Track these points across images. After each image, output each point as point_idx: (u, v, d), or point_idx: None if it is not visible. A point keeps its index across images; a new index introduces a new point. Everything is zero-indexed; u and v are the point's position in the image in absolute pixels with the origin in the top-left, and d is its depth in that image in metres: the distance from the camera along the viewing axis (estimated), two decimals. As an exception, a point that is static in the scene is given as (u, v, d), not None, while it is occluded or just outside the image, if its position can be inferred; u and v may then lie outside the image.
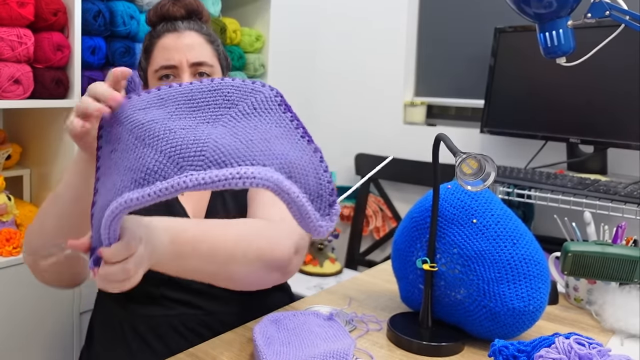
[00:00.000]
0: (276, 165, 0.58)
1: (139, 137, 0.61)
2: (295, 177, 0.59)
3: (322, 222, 0.60)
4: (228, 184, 0.55)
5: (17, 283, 1.51)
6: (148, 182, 0.57)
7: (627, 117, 1.56)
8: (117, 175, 0.60)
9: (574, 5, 0.92)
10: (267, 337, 0.81)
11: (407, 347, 0.86)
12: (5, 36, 1.47)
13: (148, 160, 0.58)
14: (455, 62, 2.18)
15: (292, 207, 0.58)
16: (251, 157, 0.58)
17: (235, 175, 0.55)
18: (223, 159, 0.57)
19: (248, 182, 0.55)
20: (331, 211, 0.61)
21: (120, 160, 0.62)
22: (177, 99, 0.65)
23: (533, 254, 0.86)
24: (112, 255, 0.61)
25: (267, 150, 0.59)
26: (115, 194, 0.58)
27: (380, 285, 1.14)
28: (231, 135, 0.60)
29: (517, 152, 1.92)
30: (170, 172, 0.56)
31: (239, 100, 0.64)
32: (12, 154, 1.74)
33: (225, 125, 0.62)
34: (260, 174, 0.55)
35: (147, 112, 0.64)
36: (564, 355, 0.65)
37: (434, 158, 0.88)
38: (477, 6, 2.10)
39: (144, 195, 0.55)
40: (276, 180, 0.56)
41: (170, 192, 0.55)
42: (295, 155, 0.61)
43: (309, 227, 0.60)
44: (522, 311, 0.84)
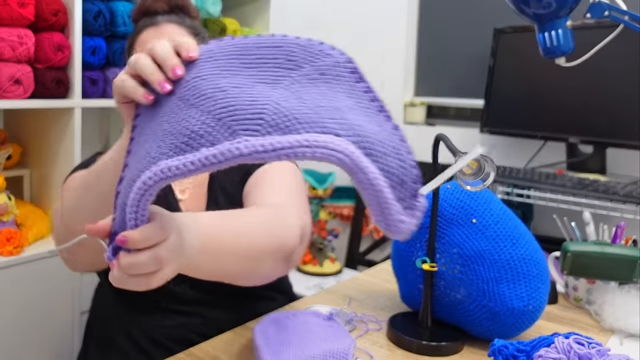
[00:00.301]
0: (351, 136, 0.48)
1: (182, 97, 0.51)
2: (374, 154, 0.48)
3: (403, 217, 0.49)
4: (293, 154, 0.45)
5: (18, 283, 1.51)
6: (192, 147, 0.47)
7: (626, 117, 1.56)
8: (153, 142, 0.50)
9: (573, 5, 0.92)
10: (267, 337, 0.81)
11: (407, 347, 0.86)
12: (6, 36, 1.47)
13: (192, 122, 0.48)
14: (455, 62, 2.19)
15: (368, 193, 0.48)
16: (321, 123, 0.48)
17: (303, 143, 0.45)
18: (287, 124, 0.47)
19: (319, 152, 0.45)
20: (415, 204, 0.50)
21: (158, 125, 0.52)
22: (230, 54, 0.54)
23: (532, 254, 0.87)
24: (142, 237, 0.49)
25: (340, 118, 0.49)
26: (149, 162, 0.48)
27: (380, 285, 1.14)
28: (295, 98, 0.50)
29: (516, 152, 1.92)
30: (219, 136, 0.47)
31: (304, 61, 0.54)
32: (12, 154, 1.74)
33: (286, 88, 0.52)
34: (333, 143, 0.45)
35: (192, 68, 0.54)
36: (563, 354, 0.65)
37: (434, 158, 0.88)
38: (476, 6, 2.10)
39: (185, 163, 0.45)
40: (352, 154, 0.46)
41: (219, 161, 0.45)
42: (373, 129, 0.50)
43: (386, 221, 0.49)
44: (521, 311, 0.85)
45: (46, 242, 1.62)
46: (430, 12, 2.26)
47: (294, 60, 0.54)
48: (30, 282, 1.53)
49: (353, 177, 0.46)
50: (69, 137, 1.64)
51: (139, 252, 0.50)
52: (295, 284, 1.17)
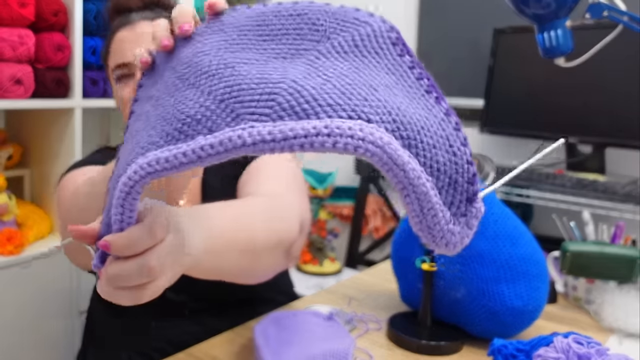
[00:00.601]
0: (388, 122, 0.38)
1: (182, 75, 0.43)
2: (417, 147, 0.38)
3: (452, 227, 0.39)
4: (309, 144, 0.35)
5: (18, 282, 1.51)
6: (186, 135, 0.39)
7: (625, 117, 1.57)
8: (144, 129, 0.42)
9: (573, 5, 0.92)
10: (267, 337, 0.81)
11: (407, 347, 0.86)
12: (7, 36, 1.47)
13: (189, 105, 0.40)
14: (455, 62, 2.19)
15: (408, 195, 0.37)
16: (349, 105, 0.38)
17: (322, 130, 0.35)
18: (304, 106, 0.37)
19: (341, 142, 0.35)
20: (469, 210, 0.40)
21: (153, 109, 0.44)
22: (243, 25, 0.45)
23: (532, 254, 0.87)
24: (125, 243, 0.41)
25: (374, 99, 0.39)
26: (137, 154, 0.40)
27: (380, 285, 1.14)
28: (318, 75, 0.40)
29: (516, 152, 1.93)
30: (220, 121, 0.39)
31: (334, 32, 0.44)
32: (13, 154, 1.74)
33: (309, 63, 0.42)
34: (362, 131, 0.35)
35: (196, 42, 0.45)
36: (562, 354, 0.65)
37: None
38: (476, 6, 2.10)
39: (177, 154, 0.37)
40: (386, 145, 0.35)
41: (218, 152, 0.37)
42: (416, 114, 0.40)
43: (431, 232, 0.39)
44: (521, 310, 0.85)
45: (46, 242, 1.63)
46: (429, 12, 2.26)
47: (321, 30, 0.44)
48: (31, 282, 1.53)
49: (388, 174, 0.37)
50: (69, 137, 1.65)
51: (125, 261, 0.42)
52: (295, 284, 1.17)
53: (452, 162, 0.39)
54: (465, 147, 0.41)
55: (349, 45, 0.43)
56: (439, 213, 0.38)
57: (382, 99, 0.39)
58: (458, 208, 0.40)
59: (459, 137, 0.41)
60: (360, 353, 0.85)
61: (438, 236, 0.39)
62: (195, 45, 0.45)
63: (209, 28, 0.46)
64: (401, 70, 0.43)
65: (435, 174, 0.39)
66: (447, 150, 0.40)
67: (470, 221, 0.40)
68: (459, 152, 0.40)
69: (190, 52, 0.45)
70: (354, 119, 0.37)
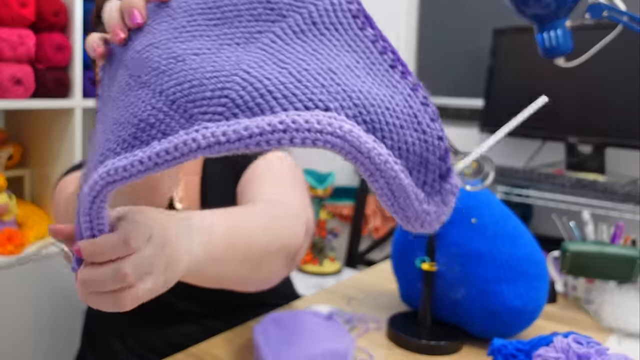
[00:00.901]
0: (348, 109, 0.36)
1: (133, 73, 0.41)
2: (383, 129, 0.37)
3: (427, 206, 0.38)
4: (265, 142, 0.34)
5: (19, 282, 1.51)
6: (141, 141, 0.37)
7: (625, 117, 1.57)
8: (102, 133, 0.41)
9: (572, 6, 0.92)
10: (267, 336, 0.81)
11: (407, 346, 0.87)
12: (7, 36, 1.48)
13: (141, 108, 0.38)
14: (455, 62, 2.19)
15: (377, 180, 0.37)
16: (305, 95, 0.36)
17: (277, 127, 0.34)
18: (258, 101, 0.36)
19: (298, 137, 0.34)
20: (443, 187, 0.39)
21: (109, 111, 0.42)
22: (191, 8, 0.42)
23: (532, 254, 0.87)
24: (95, 250, 0.41)
25: (332, 84, 0.37)
26: (98, 162, 0.39)
27: (380, 285, 1.14)
28: (273, 63, 0.38)
29: (516, 152, 1.93)
30: (174, 124, 0.37)
31: (290, 8, 0.41)
32: (13, 154, 1.74)
33: (264, 48, 0.40)
34: (320, 123, 0.34)
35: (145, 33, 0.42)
36: (562, 354, 0.65)
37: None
38: (476, 6, 2.10)
39: (133, 162, 0.36)
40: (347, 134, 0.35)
41: (174, 157, 0.36)
42: (380, 95, 0.38)
43: (405, 213, 0.38)
44: (520, 310, 0.85)
45: (47, 242, 1.63)
46: (429, 12, 2.26)
47: (277, 8, 0.41)
48: (32, 282, 1.54)
49: (354, 162, 0.36)
50: (69, 137, 1.65)
51: (99, 266, 0.42)
52: (295, 284, 1.17)
53: (422, 140, 0.38)
54: (434, 123, 0.39)
55: (306, 23, 0.40)
56: (412, 195, 0.37)
57: (341, 82, 0.37)
58: (432, 187, 0.38)
59: (427, 113, 0.39)
60: (360, 353, 0.85)
61: (412, 217, 0.38)
62: (145, 35, 0.42)
63: (156, 14, 0.43)
64: (363, 46, 0.41)
65: (404, 155, 0.37)
66: (415, 129, 0.38)
67: (445, 198, 0.39)
68: (428, 129, 0.38)
69: (139, 44, 0.42)
70: (310, 109, 0.35)
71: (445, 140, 0.39)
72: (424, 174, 0.38)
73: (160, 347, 0.94)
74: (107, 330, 1.01)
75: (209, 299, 0.96)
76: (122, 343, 0.98)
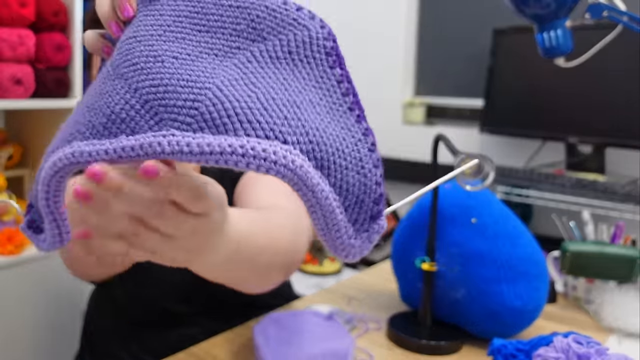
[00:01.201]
0: (304, 144, 0.39)
1: (114, 62, 0.42)
2: (330, 168, 0.40)
3: (354, 241, 0.42)
4: (223, 161, 0.37)
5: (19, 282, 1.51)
6: (109, 131, 0.40)
7: (625, 117, 1.57)
8: (75, 114, 0.43)
9: (572, 5, 0.92)
10: (267, 336, 0.81)
11: (407, 346, 0.87)
12: (7, 36, 1.48)
13: (115, 100, 0.40)
14: (455, 63, 2.19)
15: (315, 212, 0.40)
16: (268, 124, 0.39)
17: (237, 150, 0.37)
18: (224, 120, 0.38)
19: (254, 163, 0.37)
20: (371, 227, 0.42)
21: (86, 94, 0.44)
22: (180, 9, 0.44)
23: (532, 254, 0.87)
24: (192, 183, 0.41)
25: (294, 118, 0.40)
26: (64, 140, 0.41)
27: (380, 285, 1.14)
28: (245, 84, 0.40)
29: (516, 152, 1.93)
30: (143, 123, 0.39)
31: (271, 32, 0.43)
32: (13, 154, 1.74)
33: (240, 66, 0.42)
34: (277, 154, 0.37)
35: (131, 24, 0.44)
36: (562, 354, 0.65)
37: (434, 158, 0.88)
38: (476, 6, 2.10)
39: (99, 150, 0.38)
40: (298, 169, 0.38)
41: (137, 155, 0.38)
42: (334, 135, 0.41)
43: (334, 243, 0.42)
44: (520, 310, 0.85)
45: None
46: (429, 12, 2.26)
47: (259, 29, 0.43)
48: (32, 282, 1.54)
49: (298, 193, 0.39)
50: (69, 137, 1.65)
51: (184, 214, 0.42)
52: (295, 284, 1.18)
53: (362, 183, 0.41)
54: (376, 169, 0.42)
55: (282, 50, 0.43)
56: (342, 229, 0.41)
57: (302, 118, 0.40)
58: (362, 225, 0.42)
59: (372, 159, 0.42)
60: (360, 353, 0.85)
61: (340, 248, 0.41)
62: (131, 27, 0.43)
63: (144, 5, 0.44)
64: (329, 84, 0.43)
65: (343, 194, 0.41)
66: (358, 172, 0.41)
67: (371, 236, 0.42)
68: (369, 173, 0.42)
69: (125, 34, 0.43)
70: (270, 138, 0.38)
71: (381, 186, 0.42)
72: (357, 213, 0.42)
73: (161, 350, 0.94)
74: (106, 332, 1.01)
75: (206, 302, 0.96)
76: (121, 345, 0.98)
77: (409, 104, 2.27)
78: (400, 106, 2.29)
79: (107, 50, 0.46)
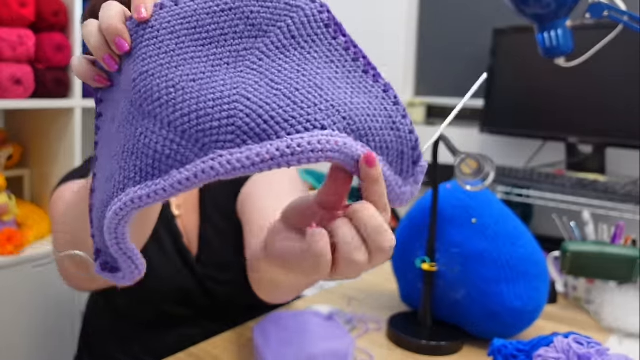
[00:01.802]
0: (339, 123, 0.41)
1: (133, 101, 0.42)
2: (367, 134, 0.42)
3: (405, 188, 0.45)
4: (276, 165, 0.39)
5: (18, 282, 1.51)
6: (160, 170, 0.40)
7: (625, 117, 1.57)
8: (114, 159, 0.44)
9: (573, 5, 0.92)
10: (267, 337, 0.81)
11: (407, 347, 0.86)
12: (6, 36, 1.48)
13: (154, 140, 0.40)
14: (455, 62, 2.19)
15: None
16: (303, 117, 0.40)
17: (286, 152, 0.39)
18: (263, 127, 0.39)
19: (305, 157, 0.39)
20: (416, 170, 0.45)
21: (116, 134, 0.44)
22: (178, 30, 0.43)
23: (532, 254, 0.87)
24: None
25: (322, 101, 0.41)
26: (117, 189, 0.42)
27: (380, 285, 1.14)
28: (266, 84, 0.41)
29: (516, 152, 1.93)
30: (188, 154, 0.40)
31: (269, 23, 0.44)
32: (13, 154, 1.74)
33: (254, 67, 0.43)
34: (321, 143, 0.39)
35: (134, 58, 0.43)
36: (562, 354, 0.65)
37: (434, 158, 0.88)
38: (476, 6, 2.10)
39: (157, 190, 0.40)
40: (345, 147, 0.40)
41: (193, 184, 0.39)
42: (361, 103, 0.43)
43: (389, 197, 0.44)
44: (521, 310, 0.85)
45: (47, 242, 1.63)
46: (430, 12, 2.26)
47: (257, 24, 0.43)
48: (31, 282, 1.53)
49: (348, 167, 0.41)
50: (69, 137, 1.65)
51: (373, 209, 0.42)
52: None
53: (397, 136, 0.44)
54: (405, 119, 0.44)
55: (286, 37, 0.44)
56: (393, 183, 0.44)
57: (329, 98, 0.42)
58: (407, 172, 0.45)
59: (399, 111, 0.44)
60: (360, 353, 0.85)
61: (393, 199, 0.45)
62: (136, 61, 0.42)
63: (138, 34, 0.43)
64: (338, 55, 0.45)
65: (385, 152, 0.43)
66: (391, 128, 0.44)
67: (417, 178, 0.46)
68: (401, 126, 0.44)
69: (132, 70, 0.42)
70: (309, 130, 0.40)
71: (414, 133, 0.45)
72: (400, 164, 0.45)
73: (160, 350, 0.94)
74: (104, 332, 1.01)
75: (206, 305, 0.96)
76: (120, 346, 0.97)
77: (409, 104, 2.27)
78: (400, 106, 2.29)
79: (99, 79, 0.45)
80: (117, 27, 0.42)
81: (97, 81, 0.45)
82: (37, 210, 1.72)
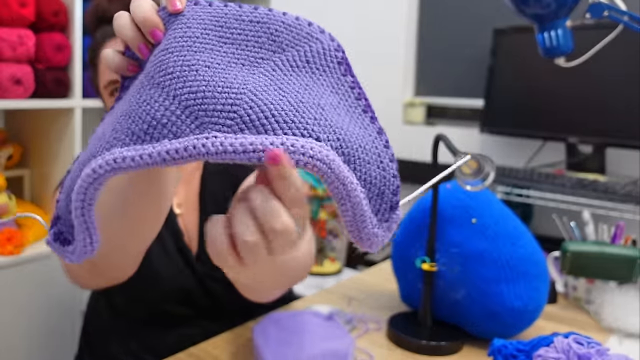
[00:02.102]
0: (333, 141, 0.43)
1: (147, 72, 0.44)
2: (355, 162, 0.44)
3: (377, 230, 0.45)
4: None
5: (18, 282, 1.51)
6: (151, 136, 0.41)
7: (625, 117, 1.57)
8: (110, 122, 0.44)
9: (573, 5, 0.92)
10: (267, 337, 0.81)
11: (407, 347, 0.86)
12: (6, 36, 1.48)
13: (155, 107, 0.42)
14: (455, 62, 2.19)
15: (344, 205, 0.43)
16: (302, 124, 0.42)
17: (278, 147, 0.40)
18: (263, 122, 0.41)
19: (294, 158, 0.40)
20: (391, 216, 0.46)
21: (121, 104, 0.46)
22: (206, 24, 0.46)
23: (532, 254, 0.87)
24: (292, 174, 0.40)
25: (322, 118, 0.43)
26: (102, 147, 0.42)
27: (380, 285, 1.14)
28: (275, 90, 0.44)
29: (516, 152, 1.93)
30: (184, 127, 0.41)
31: (290, 44, 0.48)
32: (13, 154, 1.74)
33: (267, 74, 0.45)
34: (313, 150, 0.40)
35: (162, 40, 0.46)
36: (562, 354, 0.65)
37: (434, 158, 0.88)
38: (476, 6, 2.10)
39: (142, 155, 0.39)
40: (332, 162, 0.41)
41: (181, 157, 0.39)
42: (355, 133, 0.45)
43: (360, 234, 0.44)
44: (521, 310, 0.85)
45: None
46: (429, 12, 2.26)
47: (279, 41, 0.47)
48: (31, 282, 1.53)
49: (330, 186, 0.42)
50: (69, 137, 1.65)
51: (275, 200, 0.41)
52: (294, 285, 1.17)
53: (382, 176, 0.45)
54: (392, 163, 0.46)
55: (301, 60, 0.47)
56: (368, 219, 0.44)
57: (328, 118, 0.44)
58: (383, 215, 0.45)
59: (387, 154, 0.46)
60: (360, 353, 0.85)
61: (365, 238, 0.44)
62: (162, 43, 0.45)
63: (170, 21, 0.46)
64: (343, 90, 0.48)
65: (367, 187, 0.44)
66: (378, 166, 0.45)
67: (391, 225, 0.46)
68: (387, 167, 0.46)
69: (156, 48, 0.45)
70: (305, 136, 0.41)
71: (397, 179, 0.46)
72: (379, 204, 0.45)
73: (160, 350, 0.94)
74: (105, 331, 1.01)
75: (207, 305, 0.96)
76: (120, 345, 0.97)
77: (409, 104, 2.27)
78: (400, 106, 2.28)
79: (131, 69, 0.47)
80: (153, 19, 0.45)
81: (130, 70, 0.47)
82: (37, 210, 1.72)
